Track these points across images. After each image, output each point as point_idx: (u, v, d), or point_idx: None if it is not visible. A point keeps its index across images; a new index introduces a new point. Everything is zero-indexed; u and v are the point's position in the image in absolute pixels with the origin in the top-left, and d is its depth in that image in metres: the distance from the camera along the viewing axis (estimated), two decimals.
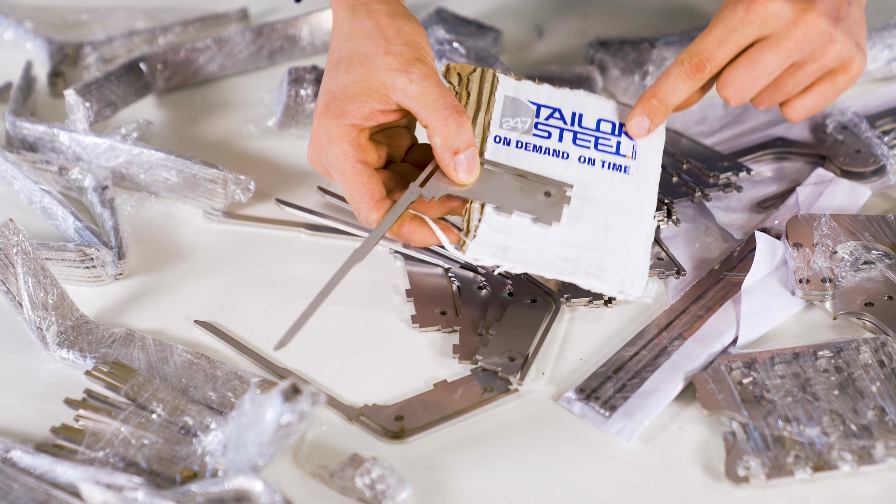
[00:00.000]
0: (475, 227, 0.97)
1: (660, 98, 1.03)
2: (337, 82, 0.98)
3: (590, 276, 0.97)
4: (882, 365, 0.95)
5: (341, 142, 0.97)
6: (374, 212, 0.97)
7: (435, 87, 0.96)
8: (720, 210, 1.11)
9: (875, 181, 1.14)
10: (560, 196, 0.98)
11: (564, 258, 0.97)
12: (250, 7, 1.36)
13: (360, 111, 0.97)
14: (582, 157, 1.01)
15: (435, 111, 0.96)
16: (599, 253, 0.98)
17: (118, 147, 1.12)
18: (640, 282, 0.98)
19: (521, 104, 1.02)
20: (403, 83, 0.96)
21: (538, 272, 0.97)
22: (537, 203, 0.98)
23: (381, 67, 0.96)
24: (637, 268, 0.98)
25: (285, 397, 0.86)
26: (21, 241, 0.98)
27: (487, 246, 0.97)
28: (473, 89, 1.02)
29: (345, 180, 0.97)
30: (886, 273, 1.02)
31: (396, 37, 0.97)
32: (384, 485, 0.88)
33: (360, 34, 0.98)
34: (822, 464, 0.89)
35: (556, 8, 1.37)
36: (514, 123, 1.01)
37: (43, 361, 0.99)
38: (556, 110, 1.03)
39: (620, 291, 0.97)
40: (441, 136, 0.96)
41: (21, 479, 0.88)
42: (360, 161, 0.97)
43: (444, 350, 1.00)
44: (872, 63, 1.23)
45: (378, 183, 0.97)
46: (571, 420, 0.95)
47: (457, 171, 0.97)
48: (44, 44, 1.29)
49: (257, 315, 1.03)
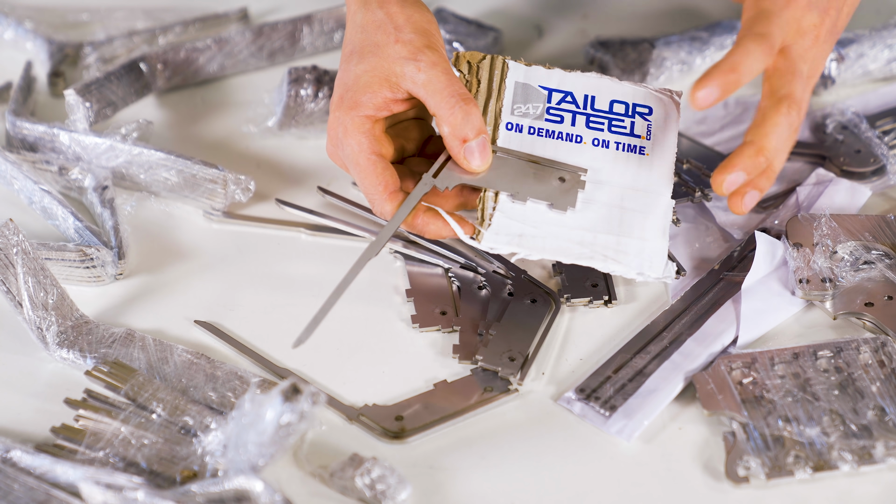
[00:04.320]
0: (490, 216, 0.97)
1: (740, 73, 0.96)
2: (349, 73, 0.98)
3: (607, 260, 0.97)
4: (882, 365, 0.95)
5: (356, 133, 0.97)
6: (388, 203, 0.97)
7: (443, 75, 0.96)
8: (720, 210, 1.11)
9: (875, 181, 1.14)
10: (575, 181, 0.98)
11: (581, 243, 0.97)
12: (250, 7, 1.36)
13: (373, 101, 0.97)
14: (596, 139, 1.01)
15: (442, 99, 0.96)
16: (616, 236, 0.97)
17: (118, 147, 1.12)
18: (658, 262, 0.97)
19: (532, 89, 1.02)
20: (412, 71, 0.96)
21: (555, 258, 0.97)
22: (552, 189, 0.98)
23: (392, 56, 0.97)
24: (655, 248, 0.98)
25: (285, 397, 0.86)
26: (21, 241, 0.98)
27: (503, 234, 0.97)
28: (484, 77, 1.02)
29: (359, 171, 0.98)
30: (886, 273, 1.02)
31: (406, 25, 0.98)
32: (384, 485, 0.88)
33: (371, 25, 0.98)
34: (822, 464, 0.89)
35: (556, 8, 1.37)
36: (525, 109, 1.01)
37: (43, 361, 0.99)
38: (568, 94, 1.02)
39: (639, 273, 0.97)
40: (448, 124, 0.96)
41: (21, 479, 0.88)
42: (374, 153, 0.97)
43: (444, 350, 1.00)
44: (872, 63, 1.23)
45: (392, 174, 0.97)
46: (571, 420, 0.95)
47: (467, 158, 0.97)
48: (44, 44, 1.29)
49: (257, 315, 1.03)
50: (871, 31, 1.24)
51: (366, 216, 1.10)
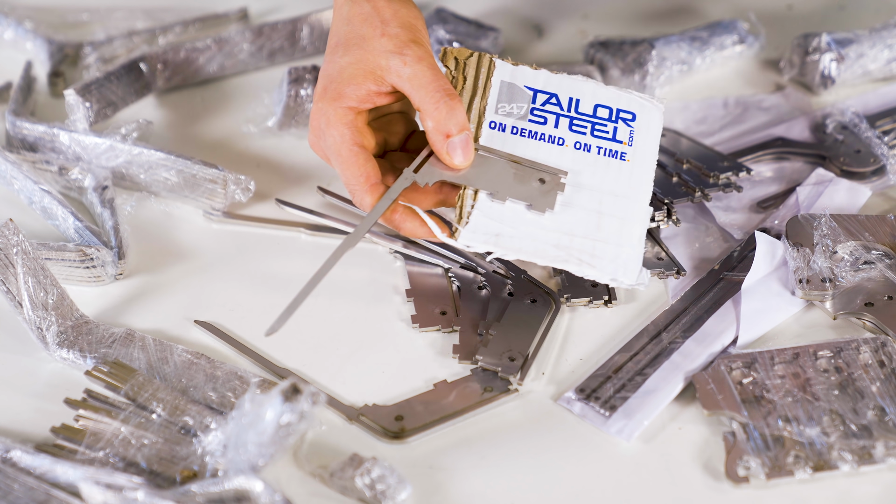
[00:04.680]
0: (468, 214, 0.97)
1: None
2: (334, 65, 0.98)
3: (582, 264, 0.97)
4: (882, 365, 0.95)
5: (339, 124, 0.97)
6: (369, 195, 0.97)
7: (428, 70, 0.96)
8: (720, 210, 1.11)
9: (875, 181, 1.14)
10: (554, 183, 0.98)
11: (557, 245, 0.97)
12: (250, 7, 1.36)
13: (357, 93, 0.97)
14: (578, 143, 1.01)
15: (427, 94, 0.96)
16: (592, 240, 0.97)
17: (118, 147, 1.12)
18: (633, 269, 0.97)
19: (518, 89, 1.02)
20: (398, 65, 0.96)
21: (530, 259, 0.97)
22: (531, 190, 0.98)
23: (377, 49, 0.97)
24: (631, 255, 0.97)
25: (285, 397, 0.86)
26: (21, 241, 0.98)
27: (479, 233, 0.96)
28: (470, 74, 1.02)
29: (341, 162, 0.98)
30: (886, 273, 1.02)
31: (393, 19, 0.98)
32: (384, 485, 0.88)
33: (357, 18, 0.99)
34: (822, 464, 0.89)
35: (556, 8, 1.37)
36: (509, 109, 1.01)
37: (43, 361, 0.99)
38: (553, 95, 1.02)
39: (613, 279, 0.97)
40: (432, 118, 0.96)
41: (21, 479, 0.88)
42: (357, 144, 0.97)
43: (444, 350, 1.00)
44: (872, 63, 1.23)
45: (374, 167, 0.97)
46: (571, 420, 0.95)
47: (450, 154, 0.97)
48: (44, 44, 1.29)
49: (257, 315, 1.03)
50: (870, 31, 1.24)
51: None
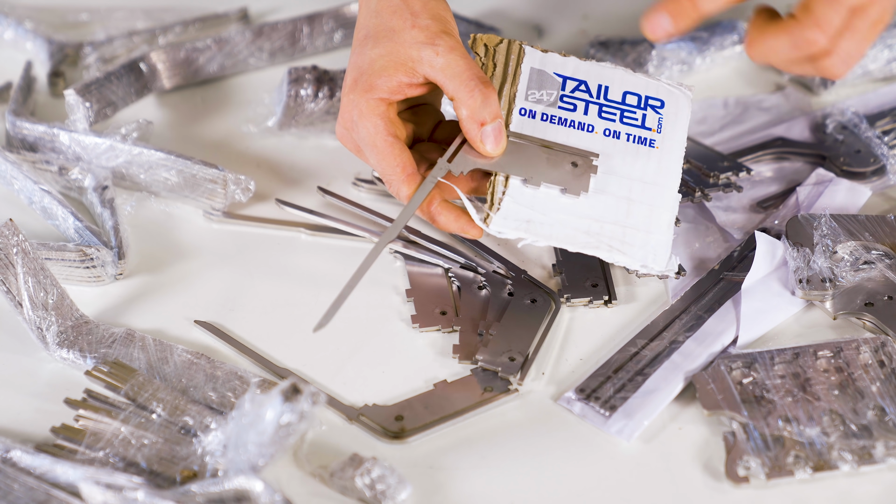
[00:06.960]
0: (499, 201, 0.97)
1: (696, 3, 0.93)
2: (364, 57, 0.98)
3: (612, 250, 0.97)
4: (882, 365, 0.95)
5: (372, 116, 0.97)
6: (406, 186, 0.98)
7: (461, 59, 0.97)
8: (720, 210, 1.11)
9: (875, 181, 1.14)
10: (587, 166, 0.99)
11: (587, 232, 0.97)
12: (250, 7, 1.36)
13: (388, 85, 0.97)
14: (607, 130, 1.01)
15: (461, 83, 0.96)
16: (622, 227, 0.98)
17: (118, 147, 1.12)
18: (662, 256, 0.98)
19: (547, 76, 1.02)
20: (430, 55, 0.96)
21: (561, 245, 0.97)
22: (564, 174, 0.98)
23: (408, 41, 0.97)
24: (660, 242, 0.98)
25: (285, 397, 0.86)
26: (21, 241, 0.98)
27: (511, 219, 0.97)
28: (500, 61, 1.02)
29: (377, 154, 0.98)
30: (886, 273, 1.02)
31: (423, 11, 0.98)
32: (384, 485, 0.88)
33: (386, 10, 0.99)
34: (822, 464, 0.89)
35: (556, 8, 1.37)
36: (539, 96, 1.01)
37: (43, 361, 0.99)
38: (582, 82, 1.02)
39: (643, 265, 0.98)
40: (467, 107, 0.96)
41: (21, 479, 0.88)
42: (391, 135, 0.98)
43: (444, 350, 1.00)
44: (872, 63, 1.23)
45: (409, 157, 0.98)
46: (571, 420, 0.95)
47: (484, 142, 0.97)
48: (44, 44, 1.29)
49: (257, 315, 1.03)
50: None
51: (365, 216, 1.10)
